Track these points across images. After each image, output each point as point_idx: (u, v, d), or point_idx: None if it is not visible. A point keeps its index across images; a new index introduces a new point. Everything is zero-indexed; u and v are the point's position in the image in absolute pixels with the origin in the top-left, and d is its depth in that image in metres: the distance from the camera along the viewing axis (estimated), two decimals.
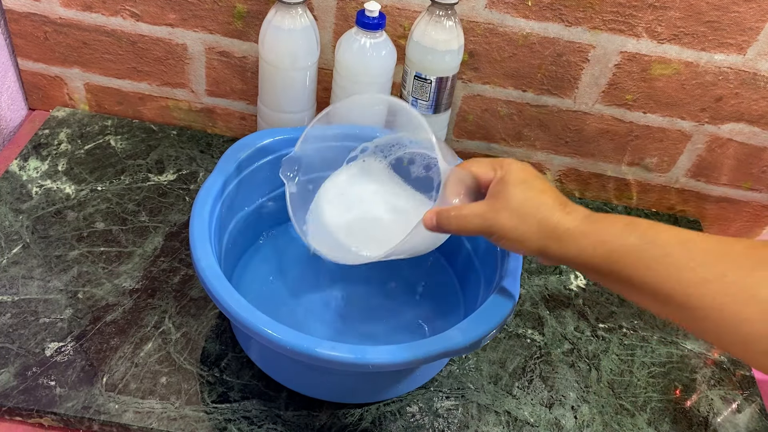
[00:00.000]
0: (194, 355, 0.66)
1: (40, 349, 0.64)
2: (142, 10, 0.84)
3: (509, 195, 0.50)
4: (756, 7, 0.76)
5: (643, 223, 0.46)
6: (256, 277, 0.73)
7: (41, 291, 0.69)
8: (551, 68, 0.84)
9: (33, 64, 0.91)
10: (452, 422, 0.65)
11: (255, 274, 0.73)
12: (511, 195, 0.50)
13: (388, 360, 0.53)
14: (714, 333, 0.42)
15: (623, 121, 0.88)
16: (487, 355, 0.72)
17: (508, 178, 0.51)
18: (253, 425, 0.62)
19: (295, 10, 0.74)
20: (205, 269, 0.56)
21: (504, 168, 0.52)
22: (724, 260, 0.41)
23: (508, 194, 0.50)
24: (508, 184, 0.50)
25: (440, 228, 0.53)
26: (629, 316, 0.79)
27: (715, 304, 0.40)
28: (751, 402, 0.73)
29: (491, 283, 0.63)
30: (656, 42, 0.80)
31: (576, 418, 0.68)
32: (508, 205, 0.50)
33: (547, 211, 0.49)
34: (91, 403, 0.61)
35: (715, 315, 0.41)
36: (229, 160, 0.67)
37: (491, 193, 0.52)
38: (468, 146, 0.94)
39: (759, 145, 0.89)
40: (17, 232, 0.75)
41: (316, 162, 0.68)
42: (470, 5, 0.80)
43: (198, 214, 0.61)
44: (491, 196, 0.51)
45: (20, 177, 0.81)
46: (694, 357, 0.76)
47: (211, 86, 0.91)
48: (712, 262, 0.41)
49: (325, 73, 0.86)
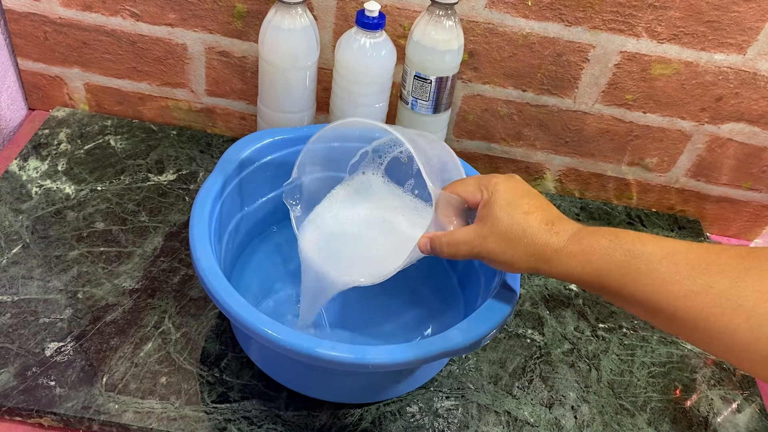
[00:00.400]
0: (194, 355, 0.66)
1: (40, 349, 0.64)
2: (141, 10, 0.84)
3: (495, 219, 0.51)
4: (756, 7, 0.76)
5: (629, 236, 0.46)
6: (256, 276, 0.73)
7: (41, 291, 0.69)
8: (551, 68, 0.84)
9: (33, 64, 0.90)
10: (452, 422, 0.65)
11: (254, 274, 0.73)
12: (496, 219, 0.51)
13: (388, 360, 0.53)
14: (704, 343, 0.42)
15: (623, 121, 0.88)
16: (487, 355, 0.72)
17: (494, 200, 0.52)
18: (253, 425, 0.62)
19: (295, 9, 0.74)
20: (205, 269, 0.56)
21: (489, 189, 0.53)
22: (709, 271, 0.42)
23: (494, 218, 0.51)
24: (494, 208, 0.51)
25: (434, 253, 0.55)
26: (629, 316, 0.79)
27: (703, 316, 0.41)
28: (751, 402, 0.73)
29: (491, 283, 0.63)
30: (656, 42, 0.80)
31: (576, 418, 0.68)
32: (494, 230, 0.51)
33: (533, 234, 0.49)
34: (91, 403, 0.61)
35: (703, 326, 0.41)
36: (229, 160, 0.67)
37: (479, 217, 0.53)
38: (468, 146, 0.94)
39: (759, 145, 0.89)
40: (17, 232, 0.75)
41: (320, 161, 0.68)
42: (470, 5, 0.80)
43: (198, 214, 0.61)
44: (479, 220, 0.53)
45: (20, 177, 0.81)
46: (694, 357, 0.76)
47: (211, 86, 0.91)
48: (697, 274, 0.42)
49: (325, 73, 0.86)
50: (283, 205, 0.71)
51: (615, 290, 0.46)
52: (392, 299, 0.73)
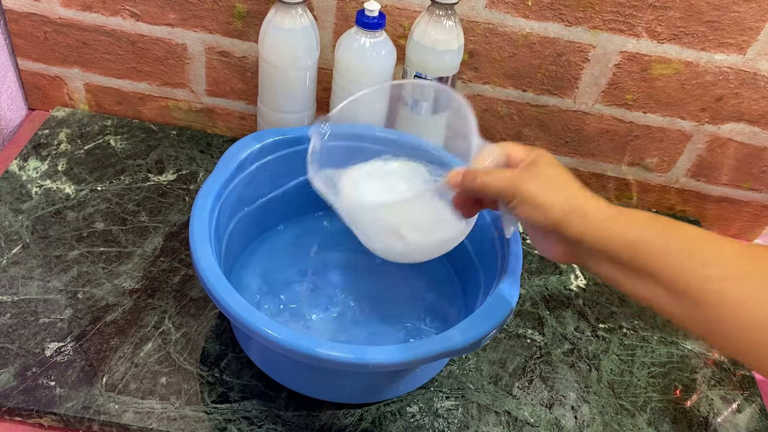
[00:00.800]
0: (194, 355, 0.66)
1: (40, 349, 0.64)
2: (141, 10, 0.84)
3: (540, 169, 0.49)
4: (756, 7, 0.76)
5: (665, 218, 0.45)
6: (256, 277, 0.73)
7: (41, 291, 0.69)
8: (551, 68, 0.84)
9: (33, 64, 0.90)
10: (452, 422, 0.65)
11: (254, 274, 0.73)
12: (541, 169, 0.49)
13: (388, 360, 0.53)
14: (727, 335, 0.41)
15: (623, 121, 0.88)
16: (487, 355, 0.72)
17: (539, 160, 0.50)
18: (253, 425, 0.62)
19: (295, 9, 0.74)
20: (206, 269, 0.56)
21: (536, 152, 0.51)
22: (751, 260, 0.41)
23: (539, 169, 0.49)
24: (539, 164, 0.50)
25: (463, 184, 0.52)
26: (629, 316, 0.79)
27: (737, 303, 0.39)
28: (751, 402, 0.73)
29: (491, 283, 0.63)
30: (656, 42, 0.80)
31: (576, 418, 0.68)
32: (537, 174, 0.49)
33: (575, 189, 0.48)
34: (91, 403, 0.61)
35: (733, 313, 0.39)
36: (230, 160, 0.67)
37: (521, 168, 0.51)
38: None
39: (759, 145, 0.88)
40: (17, 232, 0.75)
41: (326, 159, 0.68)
42: (470, 5, 0.80)
43: (198, 214, 0.61)
44: (521, 170, 0.50)
45: (20, 177, 0.81)
46: (694, 357, 0.76)
47: (211, 86, 0.91)
48: (737, 261, 0.41)
49: (325, 73, 0.86)
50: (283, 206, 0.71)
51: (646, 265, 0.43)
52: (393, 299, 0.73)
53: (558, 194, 0.48)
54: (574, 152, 0.93)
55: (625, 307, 0.80)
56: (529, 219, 0.49)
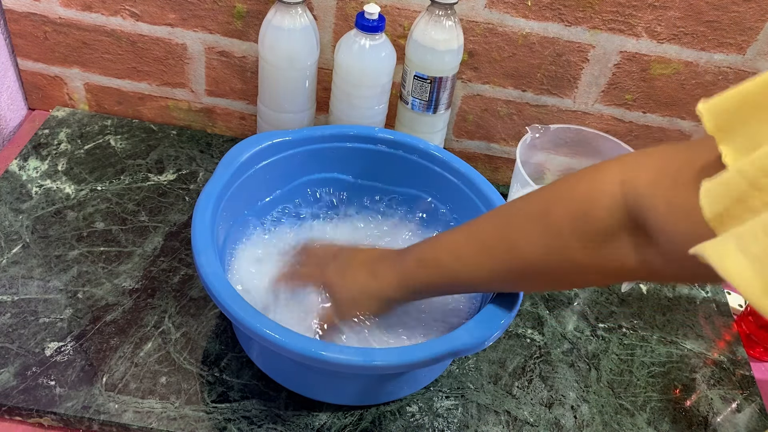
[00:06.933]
0: (194, 355, 0.66)
1: (40, 349, 0.64)
2: (141, 10, 0.84)
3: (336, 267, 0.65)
4: (756, 7, 0.77)
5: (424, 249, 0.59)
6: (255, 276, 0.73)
7: (41, 291, 0.69)
8: (551, 68, 0.84)
9: (33, 64, 0.91)
10: (452, 422, 0.65)
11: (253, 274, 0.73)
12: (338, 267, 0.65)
13: (396, 362, 0.53)
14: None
15: (623, 121, 0.88)
16: (487, 355, 0.72)
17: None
18: (253, 425, 0.62)
19: (294, 10, 0.74)
20: (207, 269, 0.56)
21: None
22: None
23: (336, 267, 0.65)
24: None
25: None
26: (629, 315, 0.79)
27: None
28: (751, 402, 0.73)
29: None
30: (656, 42, 0.81)
31: (576, 417, 0.68)
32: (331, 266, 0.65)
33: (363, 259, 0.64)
34: (91, 402, 0.61)
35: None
36: (231, 161, 0.67)
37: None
38: (468, 146, 0.94)
39: None
40: (17, 232, 0.75)
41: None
42: (470, 5, 0.80)
43: (199, 214, 0.61)
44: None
45: (20, 177, 0.81)
46: (694, 357, 0.76)
47: (211, 86, 0.91)
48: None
49: (325, 73, 0.86)
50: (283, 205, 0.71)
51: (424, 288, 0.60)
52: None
53: (352, 265, 0.63)
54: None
55: (624, 306, 0.80)
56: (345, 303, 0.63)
